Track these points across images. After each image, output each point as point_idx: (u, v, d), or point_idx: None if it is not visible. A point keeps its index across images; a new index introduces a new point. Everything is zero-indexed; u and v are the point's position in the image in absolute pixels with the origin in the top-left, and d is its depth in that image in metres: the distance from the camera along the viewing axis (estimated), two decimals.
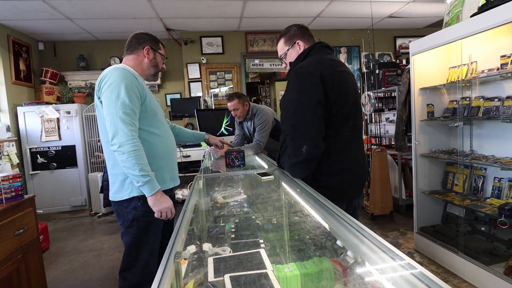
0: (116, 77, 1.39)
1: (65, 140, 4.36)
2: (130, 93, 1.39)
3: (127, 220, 1.50)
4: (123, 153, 1.33)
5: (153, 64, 1.60)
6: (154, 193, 1.39)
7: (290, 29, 1.53)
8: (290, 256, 1.10)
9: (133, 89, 1.41)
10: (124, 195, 1.48)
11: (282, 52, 1.56)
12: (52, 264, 2.87)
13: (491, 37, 2.30)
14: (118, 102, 1.35)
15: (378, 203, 3.46)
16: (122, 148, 1.33)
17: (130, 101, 1.38)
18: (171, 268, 0.67)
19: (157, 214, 1.43)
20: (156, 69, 1.63)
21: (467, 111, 2.50)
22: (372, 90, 3.83)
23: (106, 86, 1.39)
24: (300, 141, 1.34)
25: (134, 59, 1.57)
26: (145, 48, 1.57)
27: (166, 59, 1.71)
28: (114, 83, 1.38)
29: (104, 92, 1.39)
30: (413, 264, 0.57)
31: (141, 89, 1.46)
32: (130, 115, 1.37)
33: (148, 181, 1.36)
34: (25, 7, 3.54)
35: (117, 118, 1.34)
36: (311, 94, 1.32)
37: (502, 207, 2.08)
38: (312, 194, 1.13)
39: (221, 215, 1.42)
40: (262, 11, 4.23)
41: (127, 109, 1.36)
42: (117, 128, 1.33)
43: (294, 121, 1.37)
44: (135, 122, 1.39)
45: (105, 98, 1.38)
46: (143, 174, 1.34)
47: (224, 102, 4.95)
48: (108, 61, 4.88)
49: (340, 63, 1.48)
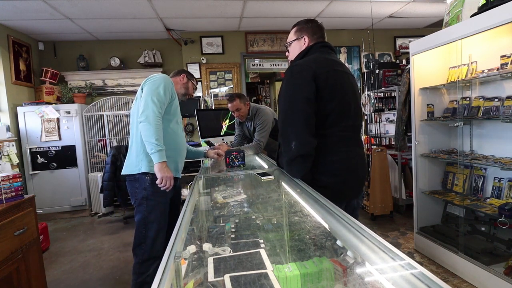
0: (159, 78, 1.81)
1: (65, 140, 4.36)
2: (165, 90, 1.78)
3: (138, 199, 1.78)
4: (148, 122, 1.67)
5: (184, 86, 2.07)
6: (161, 161, 1.67)
7: (307, 23, 1.53)
8: (290, 256, 1.10)
9: (168, 89, 1.80)
10: (134, 170, 1.78)
11: (289, 40, 1.58)
12: (52, 264, 2.87)
13: (491, 37, 2.30)
14: (155, 91, 1.74)
15: (378, 203, 3.46)
16: (148, 119, 1.67)
17: (164, 94, 1.76)
18: (171, 268, 0.67)
19: (159, 180, 1.68)
20: (186, 90, 2.08)
21: (467, 111, 2.50)
22: (372, 90, 3.83)
23: (150, 81, 1.79)
24: (289, 138, 1.35)
25: (174, 79, 2.05)
26: (181, 74, 2.08)
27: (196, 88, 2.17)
28: (157, 81, 1.79)
29: (147, 84, 1.78)
30: (413, 264, 0.57)
31: (174, 93, 1.89)
32: (160, 102, 1.74)
33: (159, 151, 1.66)
34: (25, 7, 3.54)
35: (150, 100, 1.71)
36: (300, 91, 1.33)
37: (502, 207, 2.08)
38: (312, 194, 1.13)
39: (221, 215, 1.42)
40: (262, 11, 4.23)
41: (160, 98, 1.74)
42: (148, 106, 1.70)
43: (284, 117, 1.39)
44: (161, 109, 1.75)
45: (146, 87, 1.77)
46: (157, 143, 1.65)
47: (224, 102, 4.95)
48: (108, 61, 4.88)
49: (339, 63, 1.48)
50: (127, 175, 1.84)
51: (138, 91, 1.86)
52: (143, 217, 1.77)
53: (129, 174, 1.82)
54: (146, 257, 1.77)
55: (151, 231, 1.77)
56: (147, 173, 1.77)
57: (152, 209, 1.78)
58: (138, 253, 1.78)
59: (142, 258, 1.77)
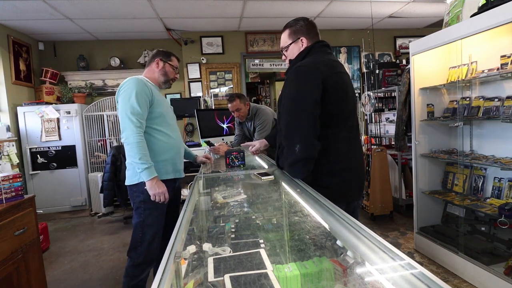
0: (129, 85, 1.69)
1: (65, 140, 4.36)
2: (139, 98, 1.68)
3: (136, 202, 1.77)
4: (127, 144, 1.63)
5: (162, 72, 1.87)
6: (150, 178, 1.65)
7: (297, 23, 1.50)
8: (290, 256, 1.10)
9: (142, 95, 1.69)
10: (134, 180, 1.75)
11: (284, 44, 1.55)
12: (52, 264, 2.87)
13: (491, 37, 2.30)
14: (128, 104, 1.65)
15: (378, 203, 3.45)
16: (128, 140, 1.63)
17: (138, 104, 1.66)
18: (171, 268, 0.67)
19: (152, 197, 1.68)
20: (166, 77, 1.88)
21: (467, 111, 2.50)
22: (372, 90, 3.83)
23: (121, 92, 1.71)
24: (293, 140, 1.33)
25: (148, 71, 1.89)
26: (155, 60, 1.86)
27: (177, 70, 1.94)
28: (128, 89, 1.69)
29: (120, 96, 1.71)
30: (413, 264, 0.57)
31: (150, 94, 1.74)
32: (137, 115, 1.66)
33: (146, 168, 1.63)
34: (25, 7, 3.54)
35: (126, 117, 1.64)
36: (309, 94, 1.32)
37: (502, 207, 2.08)
38: (312, 194, 1.13)
39: (221, 215, 1.42)
40: (262, 11, 4.23)
41: (134, 110, 1.65)
42: (125, 125, 1.64)
43: (289, 120, 1.37)
44: (141, 121, 1.68)
45: (120, 101, 1.70)
46: (142, 162, 1.62)
47: (224, 102, 4.95)
48: (108, 61, 4.88)
49: (340, 64, 1.48)
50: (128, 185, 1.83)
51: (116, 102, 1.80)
52: (140, 220, 1.76)
53: (130, 184, 1.80)
54: (141, 260, 1.76)
55: (148, 234, 1.76)
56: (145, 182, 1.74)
57: (149, 212, 1.76)
58: (133, 256, 1.77)
59: (137, 261, 1.76)
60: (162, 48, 1.95)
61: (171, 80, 1.92)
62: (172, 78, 1.91)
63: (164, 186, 1.70)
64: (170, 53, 1.91)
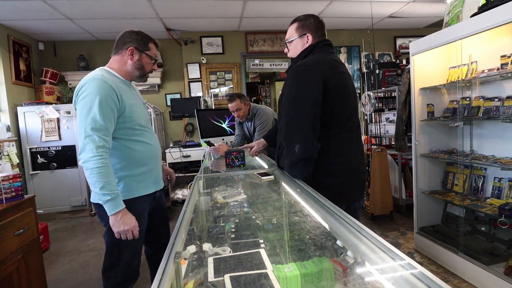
0: (91, 89, 1.34)
1: (65, 140, 4.36)
2: (104, 107, 1.33)
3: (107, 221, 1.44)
4: (86, 169, 1.31)
5: (137, 66, 1.50)
6: (114, 213, 1.32)
7: (307, 19, 1.48)
8: (290, 256, 1.10)
9: (108, 103, 1.35)
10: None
11: (289, 37, 1.52)
12: (52, 264, 2.87)
13: (491, 37, 2.30)
14: (89, 117, 1.31)
15: (378, 203, 3.45)
16: (86, 165, 1.30)
17: (102, 116, 1.32)
18: (171, 268, 0.67)
19: (116, 235, 1.36)
20: (141, 71, 1.52)
21: (467, 111, 2.50)
22: (372, 90, 3.82)
23: (80, 98, 1.35)
24: (293, 140, 1.32)
25: (118, 60, 1.50)
26: (128, 49, 1.47)
27: (156, 61, 1.57)
28: (88, 95, 1.33)
29: (79, 104, 1.36)
30: (413, 264, 0.57)
31: (118, 101, 1.40)
32: (100, 130, 1.32)
33: (109, 200, 1.31)
34: (25, 7, 3.54)
35: (84, 133, 1.31)
36: (309, 94, 1.31)
37: (502, 207, 2.08)
38: (312, 194, 1.13)
39: (221, 215, 1.42)
40: (262, 11, 4.23)
41: (97, 125, 1.31)
42: (84, 144, 1.30)
43: (288, 120, 1.36)
44: (106, 138, 1.33)
45: (78, 110, 1.35)
46: (104, 192, 1.29)
47: (224, 102, 4.95)
48: (108, 61, 4.87)
49: (341, 63, 1.47)
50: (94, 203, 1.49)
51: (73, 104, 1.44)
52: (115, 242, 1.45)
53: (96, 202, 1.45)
54: (120, 279, 1.51)
55: (125, 255, 1.50)
56: None
57: None
58: (110, 276, 1.51)
59: (116, 280, 1.51)
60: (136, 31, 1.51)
61: (147, 73, 1.56)
62: (149, 72, 1.56)
63: (133, 220, 1.38)
64: (148, 38, 1.51)
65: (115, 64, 1.52)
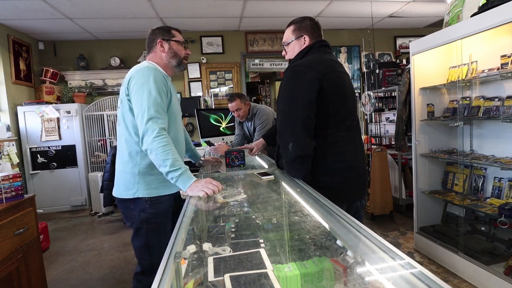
0: (147, 75, 1.39)
1: (65, 140, 4.36)
2: (160, 91, 1.39)
3: (136, 222, 1.49)
4: (151, 151, 1.32)
5: (171, 55, 1.55)
6: (190, 185, 1.30)
7: (303, 21, 1.49)
8: (290, 256, 1.10)
9: (162, 88, 1.41)
10: (128, 194, 1.47)
11: (287, 40, 1.53)
12: (52, 263, 2.87)
13: (491, 37, 2.30)
14: (151, 100, 1.35)
15: (378, 203, 3.45)
16: (151, 146, 1.31)
17: (160, 98, 1.38)
18: (171, 268, 0.67)
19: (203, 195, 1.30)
20: (177, 58, 1.57)
21: (467, 111, 2.50)
22: (372, 90, 3.82)
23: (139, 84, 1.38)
24: (286, 139, 1.34)
25: (154, 57, 1.56)
26: (157, 42, 1.53)
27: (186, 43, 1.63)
28: (146, 82, 1.38)
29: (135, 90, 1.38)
30: (413, 264, 0.57)
31: (168, 90, 1.46)
32: (161, 112, 1.37)
33: (181, 174, 1.30)
34: (25, 7, 3.54)
35: (147, 116, 1.33)
36: (302, 93, 1.32)
37: (502, 207, 2.08)
38: (312, 194, 1.13)
39: (221, 215, 1.42)
40: (262, 11, 4.23)
41: (158, 107, 1.36)
42: (146, 127, 1.32)
43: (282, 119, 1.38)
44: (165, 118, 1.39)
45: (136, 97, 1.37)
46: (174, 168, 1.29)
47: (225, 102, 4.95)
48: (108, 60, 4.88)
49: (338, 63, 1.48)
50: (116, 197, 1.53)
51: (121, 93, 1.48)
52: (144, 243, 1.49)
53: (123, 198, 1.49)
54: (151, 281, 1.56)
55: (156, 256, 1.47)
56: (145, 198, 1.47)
57: (154, 234, 1.50)
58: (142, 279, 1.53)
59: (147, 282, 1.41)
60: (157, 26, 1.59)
61: (184, 60, 1.60)
62: (184, 57, 1.60)
63: (207, 179, 1.34)
64: (169, 27, 1.58)
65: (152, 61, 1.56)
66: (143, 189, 1.46)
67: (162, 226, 1.53)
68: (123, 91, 1.46)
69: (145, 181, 1.46)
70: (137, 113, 1.37)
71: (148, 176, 1.47)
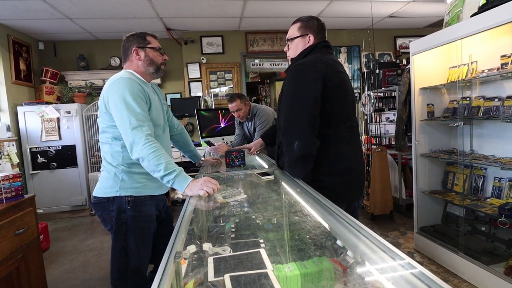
0: (122, 87, 1.37)
1: (65, 140, 4.36)
2: (137, 99, 1.37)
3: (115, 224, 1.46)
4: (143, 159, 1.30)
5: (147, 62, 1.51)
6: (187, 184, 1.29)
7: (310, 20, 1.49)
8: (290, 256, 1.10)
9: (139, 96, 1.39)
10: (110, 192, 1.44)
11: (291, 35, 1.52)
12: (52, 263, 2.87)
13: (491, 37, 2.30)
14: (130, 111, 1.34)
15: (378, 203, 3.45)
16: (141, 154, 1.30)
17: (139, 107, 1.36)
18: (171, 268, 0.67)
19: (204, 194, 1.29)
20: (154, 65, 1.53)
21: (467, 111, 2.50)
22: (372, 90, 3.82)
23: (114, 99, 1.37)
24: (292, 137, 1.33)
25: (130, 65, 1.53)
26: (133, 50, 1.50)
27: (161, 49, 1.58)
28: (121, 94, 1.36)
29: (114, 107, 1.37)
30: (413, 264, 0.57)
31: (146, 96, 1.44)
32: (143, 120, 1.35)
33: (177, 176, 1.29)
34: (25, 7, 3.54)
35: (130, 127, 1.32)
36: (308, 91, 1.32)
37: (502, 207, 2.08)
38: (312, 194, 1.13)
39: (221, 215, 1.42)
40: (262, 11, 4.23)
41: (138, 116, 1.34)
42: (133, 137, 1.31)
43: (288, 116, 1.37)
44: (149, 124, 1.37)
45: (115, 112, 1.36)
46: (168, 172, 1.28)
47: (225, 102, 4.95)
48: (108, 60, 4.88)
49: (339, 63, 1.49)
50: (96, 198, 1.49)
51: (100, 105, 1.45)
52: (122, 245, 1.46)
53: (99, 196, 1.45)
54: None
55: (133, 261, 1.47)
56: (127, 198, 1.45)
57: (134, 237, 1.46)
58: (119, 286, 1.51)
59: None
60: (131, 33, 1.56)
61: (161, 66, 1.56)
62: (161, 63, 1.56)
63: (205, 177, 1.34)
64: (143, 34, 1.54)
65: (129, 69, 1.54)
66: (126, 187, 1.44)
67: (143, 231, 1.50)
68: (102, 104, 1.44)
69: (128, 180, 1.45)
70: (120, 127, 1.36)
71: (132, 175, 1.46)
